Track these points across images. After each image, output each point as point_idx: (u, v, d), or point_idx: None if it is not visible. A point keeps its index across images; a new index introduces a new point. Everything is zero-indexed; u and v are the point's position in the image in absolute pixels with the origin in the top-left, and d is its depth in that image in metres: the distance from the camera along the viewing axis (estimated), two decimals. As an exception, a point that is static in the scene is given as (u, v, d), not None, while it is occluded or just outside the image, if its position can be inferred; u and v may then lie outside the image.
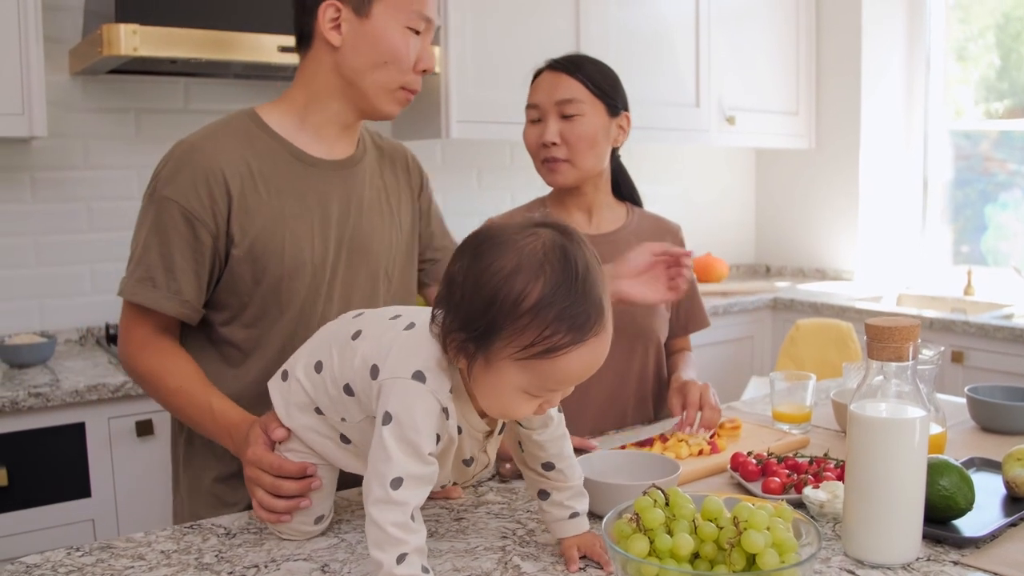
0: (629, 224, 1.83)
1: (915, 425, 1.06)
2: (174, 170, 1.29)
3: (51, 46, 2.57)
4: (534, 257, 0.94)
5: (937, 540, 1.15)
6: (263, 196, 1.32)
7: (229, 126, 1.35)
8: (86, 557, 1.13)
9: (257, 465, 1.16)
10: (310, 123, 1.37)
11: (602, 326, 0.96)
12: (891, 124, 3.98)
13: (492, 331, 0.94)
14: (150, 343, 1.32)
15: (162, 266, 1.28)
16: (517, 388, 0.97)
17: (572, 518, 1.12)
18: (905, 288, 3.80)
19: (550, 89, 1.70)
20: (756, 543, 0.90)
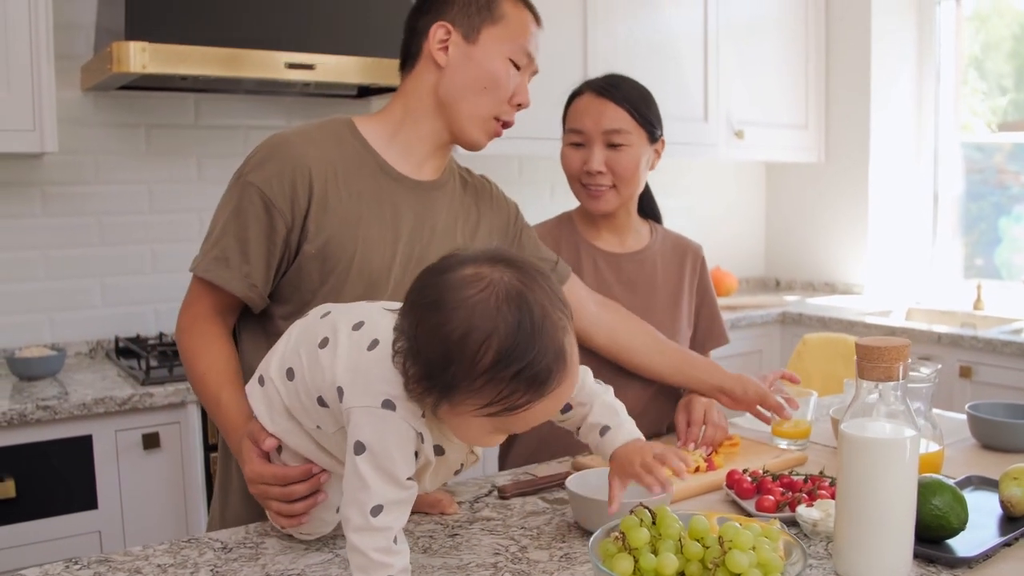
0: (653, 243, 1.85)
1: (905, 445, 1.06)
2: (264, 158, 1.32)
3: (63, 63, 2.61)
4: (487, 314, 0.91)
5: (929, 560, 1.15)
6: (343, 198, 1.34)
7: (324, 128, 1.38)
8: (84, 571, 1.15)
9: (260, 481, 1.16)
10: (401, 139, 1.39)
11: (564, 374, 0.94)
12: (901, 137, 3.98)
13: (451, 389, 0.93)
14: (200, 322, 1.34)
15: (238, 248, 1.30)
16: (483, 432, 0.99)
17: (604, 434, 1.17)
18: (915, 302, 3.78)
19: (597, 116, 1.70)
20: (740, 563, 0.90)
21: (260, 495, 1.18)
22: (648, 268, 1.82)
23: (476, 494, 1.43)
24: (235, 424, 1.25)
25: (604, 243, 1.82)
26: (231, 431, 1.25)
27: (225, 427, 1.27)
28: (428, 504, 1.33)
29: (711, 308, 1.91)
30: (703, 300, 1.91)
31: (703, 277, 1.91)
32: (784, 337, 3.59)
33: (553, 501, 1.39)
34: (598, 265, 1.79)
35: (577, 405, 1.18)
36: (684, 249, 1.89)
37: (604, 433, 1.16)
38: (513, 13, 1.38)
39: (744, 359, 3.54)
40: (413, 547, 1.21)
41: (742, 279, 4.28)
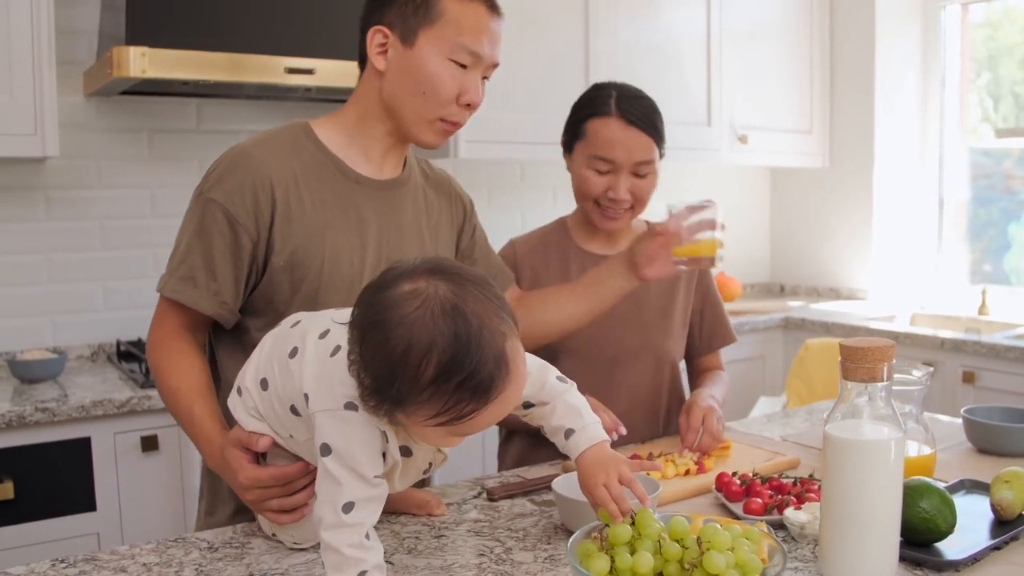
0: None
1: (890, 446, 1.05)
2: (223, 173, 1.31)
3: (66, 68, 2.63)
4: (424, 328, 0.92)
5: (917, 563, 1.14)
6: (306, 207, 1.33)
7: (281, 135, 1.37)
8: (70, 569, 1.15)
9: (258, 485, 1.16)
10: (358, 142, 1.40)
11: (508, 379, 0.95)
12: (906, 142, 3.96)
13: (400, 402, 0.95)
14: (170, 339, 1.34)
15: (204, 267, 1.30)
16: (440, 436, 1.00)
17: (569, 437, 1.15)
18: (919, 308, 3.76)
19: (628, 148, 1.66)
20: (717, 564, 0.90)
21: (257, 500, 1.17)
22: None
23: (464, 496, 1.43)
24: (209, 436, 1.24)
25: (594, 246, 1.82)
26: (205, 444, 1.25)
27: (199, 440, 1.27)
28: (415, 505, 1.33)
29: (715, 307, 1.90)
30: (705, 299, 1.89)
31: (703, 276, 1.89)
32: (787, 342, 3.58)
33: (541, 503, 1.39)
34: (586, 268, 1.78)
35: (539, 404, 1.18)
36: None
37: (568, 436, 1.16)
38: (454, 10, 1.32)
39: (747, 364, 3.52)
40: (398, 548, 1.21)
41: (747, 285, 4.27)
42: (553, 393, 1.17)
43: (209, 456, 1.25)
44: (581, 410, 1.17)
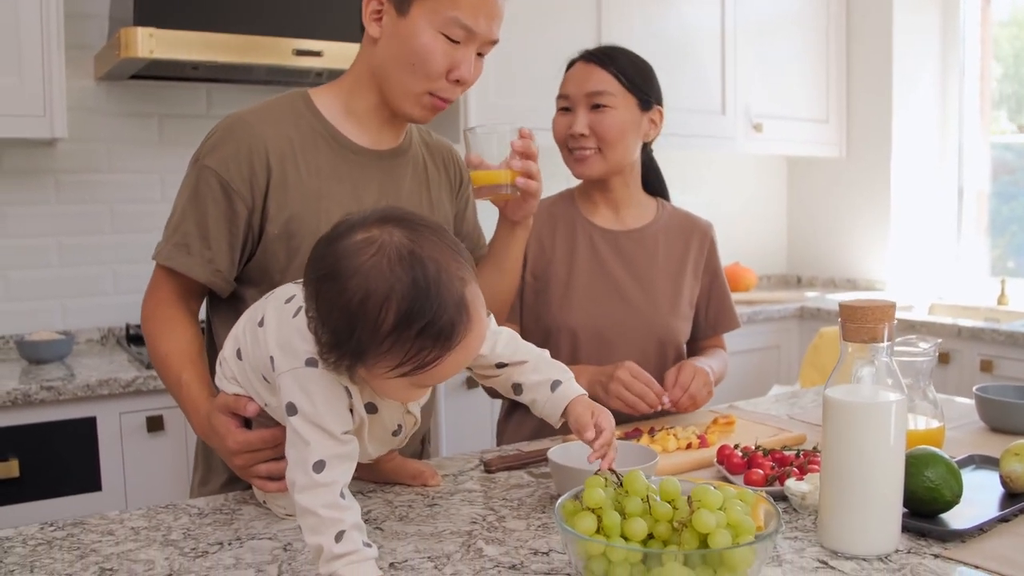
0: (658, 220, 1.82)
1: (891, 409, 1.02)
2: (219, 141, 1.30)
3: (77, 52, 2.63)
4: (381, 276, 0.90)
5: (921, 533, 1.11)
6: (302, 175, 1.32)
7: (279, 103, 1.35)
8: (58, 532, 1.14)
9: (247, 449, 1.15)
10: (353, 111, 1.37)
11: (469, 325, 0.93)
12: (924, 132, 3.90)
13: (361, 354, 0.93)
14: (163, 307, 1.33)
15: (198, 234, 1.29)
16: (402, 389, 0.98)
17: (555, 388, 1.14)
18: (937, 298, 3.71)
19: (582, 80, 1.70)
20: (707, 523, 0.87)
21: (246, 464, 1.16)
22: (648, 246, 1.78)
23: (461, 468, 1.41)
24: (196, 404, 1.23)
25: (602, 219, 1.79)
26: (192, 411, 1.24)
27: (186, 407, 1.26)
28: (410, 476, 1.31)
29: (721, 290, 1.87)
30: (712, 282, 1.86)
31: (711, 257, 1.86)
32: (803, 332, 3.53)
33: (539, 475, 1.37)
34: (594, 242, 1.76)
35: (515, 363, 1.16)
36: (691, 228, 1.84)
37: (556, 388, 1.14)
38: None
39: (762, 354, 3.48)
40: (389, 515, 1.19)
41: (763, 276, 4.22)
42: (530, 352, 1.15)
43: (196, 423, 1.24)
44: (560, 365, 1.16)
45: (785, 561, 1.03)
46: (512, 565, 1.02)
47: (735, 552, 0.85)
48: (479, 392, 2.76)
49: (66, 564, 1.04)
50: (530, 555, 1.05)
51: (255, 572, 1.01)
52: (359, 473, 1.33)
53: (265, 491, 1.16)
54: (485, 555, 1.05)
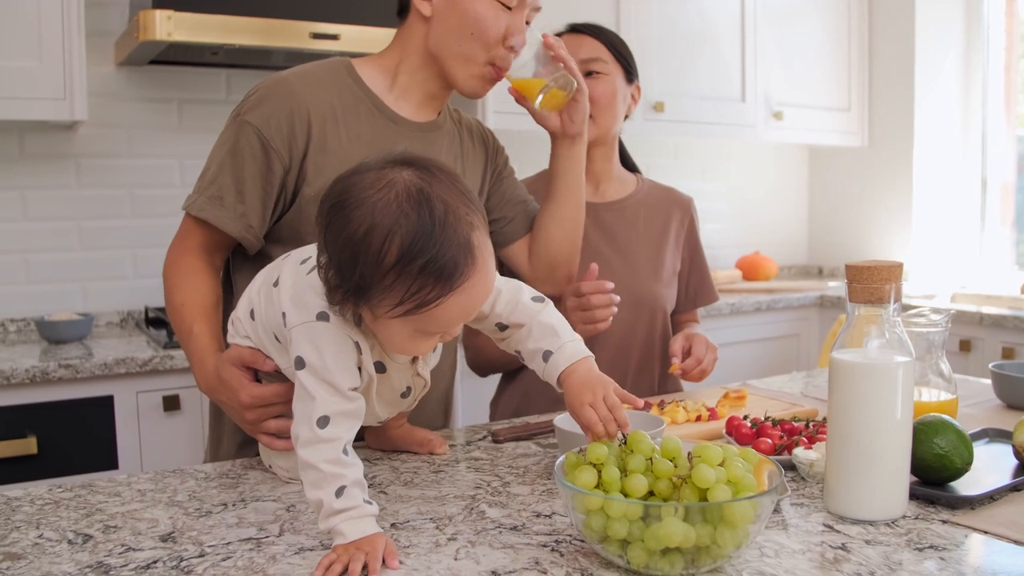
0: (638, 193, 1.84)
1: (898, 370, 1.01)
2: (262, 97, 1.30)
3: (98, 39, 2.66)
4: (388, 211, 0.90)
5: (930, 501, 1.09)
6: (342, 140, 1.32)
7: (322, 68, 1.36)
8: (65, 492, 1.15)
9: (260, 403, 1.15)
10: (398, 85, 1.39)
11: (473, 268, 0.92)
12: (947, 121, 3.85)
13: (363, 290, 0.92)
14: (187, 256, 1.32)
15: (234, 188, 1.29)
16: (406, 336, 0.97)
17: (547, 359, 1.10)
18: (960, 288, 3.66)
19: (575, 48, 1.72)
20: (707, 478, 0.86)
21: (257, 419, 1.15)
22: (628, 218, 1.80)
23: (469, 438, 1.41)
24: (204, 356, 1.23)
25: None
26: (199, 363, 1.24)
27: (193, 359, 1.25)
28: (417, 443, 1.31)
29: (702, 264, 1.90)
30: (693, 256, 1.88)
31: (692, 231, 1.88)
32: (823, 320, 3.50)
33: (547, 445, 1.36)
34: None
35: (514, 326, 1.14)
36: (672, 202, 1.87)
37: (547, 358, 1.11)
38: None
39: (782, 343, 3.45)
40: (394, 480, 1.19)
41: (784, 267, 4.19)
42: (527, 313, 1.12)
43: (202, 376, 1.23)
44: (557, 329, 1.11)
45: (790, 525, 1.02)
46: (513, 526, 1.02)
47: (734, 507, 0.84)
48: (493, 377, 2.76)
49: (71, 521, 1.05)
50: (532, 517, 1.05)
51: (257, 530, 1.02)
52: (367, 441, 1.34)
53: (272, 448, 1.17)
54: (487, 517, 1.05)
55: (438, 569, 0.90)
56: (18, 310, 2.64)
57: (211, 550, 0.96)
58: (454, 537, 0.99)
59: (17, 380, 2.09)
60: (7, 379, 2.08)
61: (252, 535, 1.00)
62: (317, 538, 0.99)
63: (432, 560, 0.92)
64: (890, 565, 0.91)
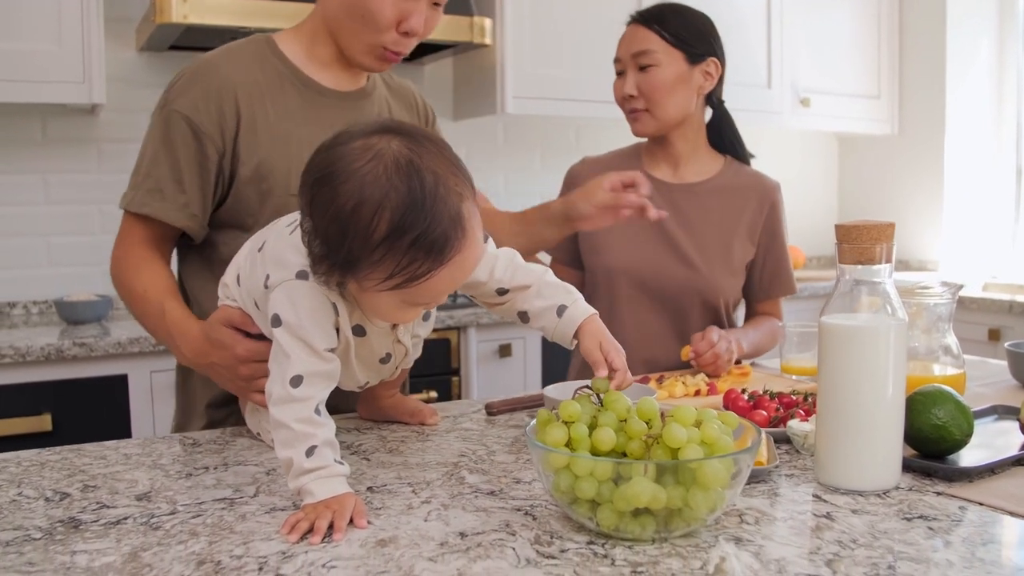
0: (720, 177, 1.80)
1: (888, 333, 0.97)
2: (186, 84, 1.29)
3: (118, 25, 2.69)
4: (377, 183, 0.88)
5: (927, 473, 1.05)
6: (271, 117, 1.31)
7: (244, 47, 1.35)
8: (52, 456, 1.16)
9: (255, 358, 1.13)
10: (317, 55, 1.36)
11: (464, 241, 0.91)
12: (980, 109, 3.76)
13: (351, 264, 0.91)
14: (138, 249, 1.31)
15: (171, 178, 1.27)
16: (392, 306, 0.96)
17: (562, 314, 1.09)
18: (991, 277, 3.57)
19: (629, 42, 1.72)
20: (678, 437, 0.84)
21: (251, 375, 1.14)
22: (702, 202, 1.77)
23: (463, 411, 1.39)
24: (183, 327, 1.21)
25: (660, 173, 1.79)
26: (181, 334, 1.22)
27: (173, 335, 1.23)
28: (408, 413, 1.30)
29: (779, 253, 1.83)
30: (771, 244, 1.81)
31: (772, 218, 1.81)
32: (849, 311, 3.43)
33: (540, 418, 1.34)
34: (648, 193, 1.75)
35: (517, 288, 1.12)
36: (752, 187, 1.81)
37: (562, 313, 1.09)
38: None
39: (806, 334, 3.39)
40: (379, 448, 1.18)
41: (811, 257, 4.12)
42: (532, 275, 1.11)
43: (187, 346, 1.21)
44: (566, 287, 1.11)
45: (777, 495, 0.99)
46: (491, 491, 1.00)
47: (706, 467, 0.81)
48: (512, 361, 2.75)
49: (52, 481, 1.05)
50: (511, 483, 1.03)
51: (232, 491, 1.01)
52: (358, 411, 1.33)
53: (262, 406, 1.14)
54: (466, 482, 1.04)
55: (405, 530, 0.89)
56: (40, 292, 2.68)
57: (183, 508, 0.95)
58: (428, 500, 0.97)
59: (33, 358, 2.12)
60: (23, 356, 2.11)
61: (227, 495, 0.99)
62: (290, 499, 0.98)
63: (401, 521, 0.91)
64: (874, 533, 0.87)
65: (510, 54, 2.95)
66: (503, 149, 3.36)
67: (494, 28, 2.91)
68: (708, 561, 0.81)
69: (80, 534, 0.88)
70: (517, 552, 0.83)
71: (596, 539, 0.86)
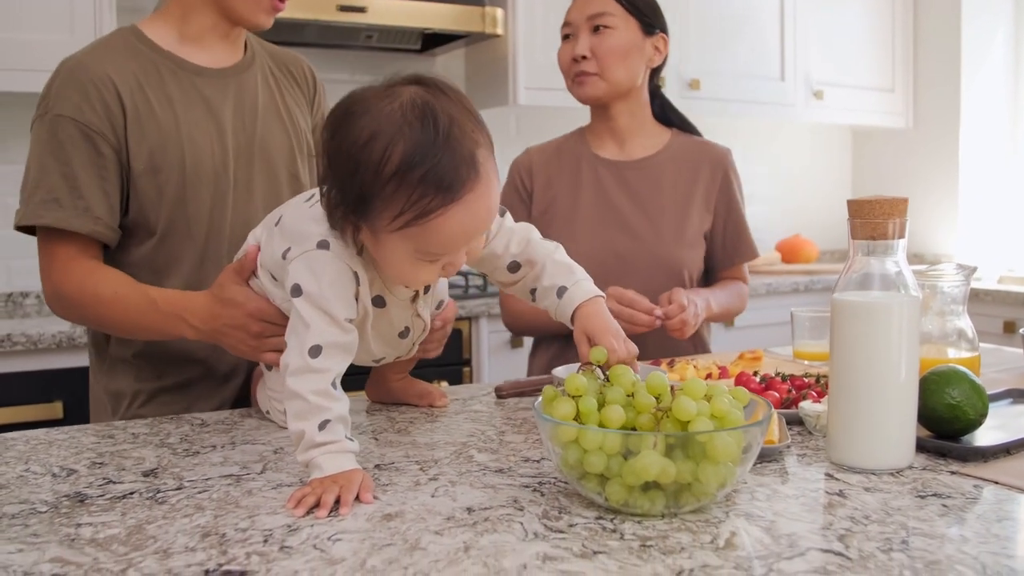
0: (667, 150, 1.78)
1: (901, 309, 0.96)
2: (63, 87, 1.25)
3: (131, 15, 2.68)
4: (392, 119, 0.88)
5: (941, 453, 1.04)
6: (154, 106, 1.28)
7: (111, 41, 1.31)
8: (60, 435, 1.15)
9: (265, 317, 1.11)
10: (189, 35, 1.34)
11: (477, 180, 0.90)
12: (995, 101, 3.73)
13: (364, 202, 0.90)
14: (72, 264, 1.25)
15: (65, 185, 1.22)
16: (406, 258, 0.94)
17: (561, 295, 1.08)
18: (1007, 271, 3.54)
19: (583, 6, 1.70)
20: (688, 410, 0.83)
21: (262, 332, 1.12)
22: (654, 176, 1.75)
23: (473, 393, 1.38)
24: (186, 302, 1.18)
25: (607, 152, 1.77)
26: (185, 309, 1.17)
27: (174, 310, 1.18)
28: (416, 395, 1.29)
29: (738, 218, 1.80)
30: (729, 211, 1.79)
31: (726, 185, 1.79)
32: (863, 305, 3.41)
33: (550, 401, 1.33)
34: (599, 174, 1.75)
35: (526, 263, 1.11)
36: (703, 155, 1.79)
37: (562, 294, 1.09)
38: None
39: (819, 327, 3.37)
40: (388, 428, 1.18)
41: (825, 251, 4.09)
42: (542, 252, 1.11)
43: (195, 316, 1.16)
44: (572, 266, 1.10)
45: (788, 473, 0.98)
46: (499, 469, 0.99)
47: (716, 440, 0.80)
48: (523, 351, 2.74)
49: (59, 459, 1.05)
50: (520, 462, 1.02)
51: (239, 468, 1.00)
52: (367, 393, 1.33)
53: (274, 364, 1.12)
54: (474, 460, 1.03)
55: (412, 505, 0.88)
56: (52, 282, 2.68)
57: (190, 484, 0.95)
58: (435, 477, 0.97)
59: (44, 345, 2.12)
60: (34, 344, 2.11)
61: (234, 472, 0.99)
62: (297, 475, 0.97)
63: (408, 496, 0.90)
64: (887, 510, 0.86)
65: (522, 44, 2.94)
66: (516, 141, 3.34)
67: (506, 18, 2.91)
68: (719, 535, 0.80)
69: (86, 508, 0.88)
70: (525, 526, 0.82)
71: (605, 514, 0.85)
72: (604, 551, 0.76)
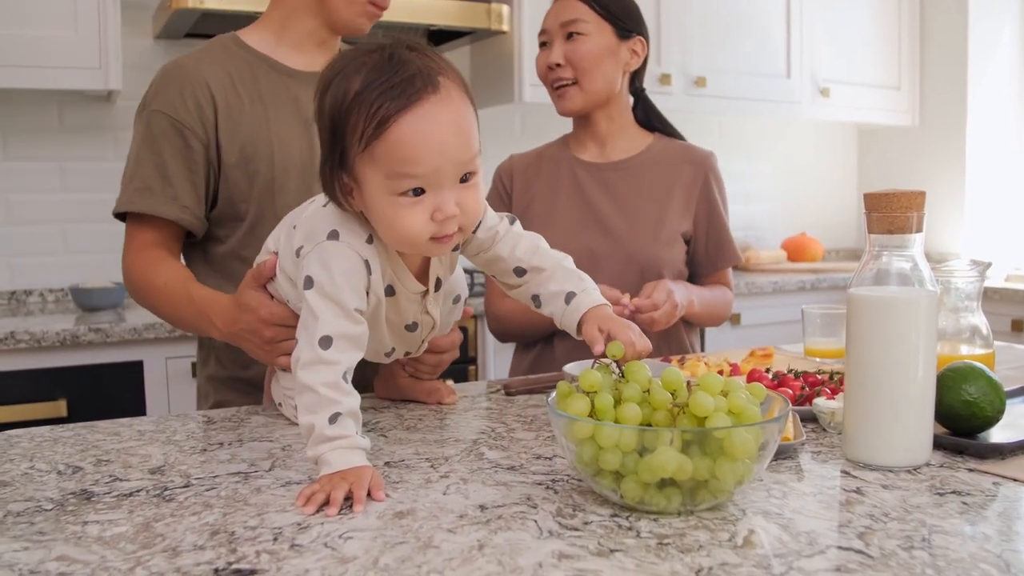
0: (648, 152, 1.76)
1: (919, 304, 0.94)
2: (160, 86, 1.33)
3: (135, 12, 2.69)
4: (355, 62, 0.93)
5: (958, 450, 1.03)
6: (246, 105, 1.35)
7: (210, 46, 1.39)
8: (66, 432, 1.14)
9: (278, 321, 1.13)
10: (287, 41, 1.41)
11: (435, 92, 0.91)
12: (1002, 99, 3.71)
13: (337, 141, 0.94)
14: (145, 254, 1.33)
15: (158, 175, 1.31)
16: (383, 194, 0.93)
17: (570, 301, 1.07)
18: (1014, 269, 3.52)
19: (558, 12, 1.70)
20: (705, 405, 0.81)
21: (275, 337, 1.13)
22: (633, 177, 1.74)
23: (482, 391, 1.37)
24: (212, 303, 1.22)
25: (588, 155, 1.77)
26: (211, 309, 1.21)
27: (205, 309, 1.22)
28: (425, 392, 1.28)
29: (720, 223, 1.77)
30: (710, 215, 1.76)
31: (707, 189, 1.76)
32: (870, 303, 3.39)
33: (559, 398, 1.32)
34: (578, 176, 1.75)
35: (533, 270, 1.10)
36: (683, 157, 1.76)
37: (570, 300, 1.07)
38: None
39: (826, 325, 3.35)
40: (397, 426, 1.16)
41: (831, 250, 4.07)
42: (550, 259, 1.10)
43: (219, 317, 1.19)
44: (581, 276, 1.09)
45: (805, 471, 0.97)
46: (511, 467, 0.98)
47: (733, 436, 0.79)
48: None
49: (65, 456, 1.04)
50: (532, 459, 1.01)
51: (247, 466, 0.99)
52: (375, 390, 1.32)
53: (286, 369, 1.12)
54: (485, 458, 1.01)
55: (424, 503, 0.87)
56: (56, 280, 2.68)
57: (197, 482, 0.94)
58: (447, 475, 0.95)
59: (48, 343, 2.11)
60: (38, 342, 2.10)
61: (242, 470, 0.98)
62: (306, 473, 0.96)
63: (420, 494, 0.89)
64: (906, 508, 0.85)
65: (527, 41, 2.92)
66: (520, 139, 3.33)
67: (511, 15, 2.89)
68: (736, 533, 0.78)
69: (92, 505, 0.87)
70: (539, 524, 0.81)
71: (620, 512, 0.83)
72: (621, 549, 0.75)
